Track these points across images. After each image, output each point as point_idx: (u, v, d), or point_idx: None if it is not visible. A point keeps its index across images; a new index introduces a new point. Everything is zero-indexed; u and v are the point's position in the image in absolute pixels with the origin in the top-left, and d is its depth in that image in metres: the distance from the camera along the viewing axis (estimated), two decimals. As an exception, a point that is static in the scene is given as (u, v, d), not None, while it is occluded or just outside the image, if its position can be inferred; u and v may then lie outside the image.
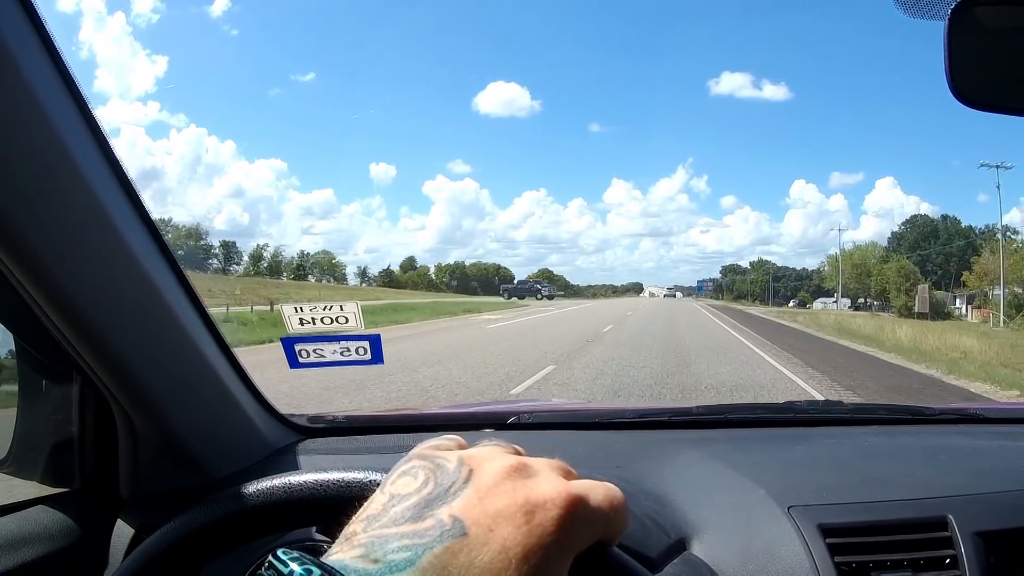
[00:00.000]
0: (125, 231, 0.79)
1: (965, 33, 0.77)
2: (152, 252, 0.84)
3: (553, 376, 10.25)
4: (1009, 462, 1.12)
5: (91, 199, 0.74)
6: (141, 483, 0.97)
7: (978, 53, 0.78)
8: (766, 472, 1.01)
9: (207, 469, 0.97)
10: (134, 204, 0.81)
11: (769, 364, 12.90)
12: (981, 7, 0.77)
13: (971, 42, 0.77)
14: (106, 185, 0.76)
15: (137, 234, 0.81)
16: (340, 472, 0.61)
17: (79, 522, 0.96)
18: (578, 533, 0.43)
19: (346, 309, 1.08)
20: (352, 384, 8.51)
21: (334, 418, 1.25)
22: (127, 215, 0.80)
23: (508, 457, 0.47)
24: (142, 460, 0.96)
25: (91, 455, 0.99)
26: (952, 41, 0.75)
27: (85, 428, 0.98)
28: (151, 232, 0.84)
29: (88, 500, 0.99)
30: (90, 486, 1.00)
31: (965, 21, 0.76)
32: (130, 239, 0.79)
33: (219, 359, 0.96)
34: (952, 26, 0.75)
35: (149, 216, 0.83)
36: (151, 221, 0.84)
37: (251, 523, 0.66)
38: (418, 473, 0.46)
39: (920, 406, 1.49)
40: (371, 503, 0.45)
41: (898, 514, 0.88)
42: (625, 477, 0.98)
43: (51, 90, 0.69)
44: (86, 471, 1.00)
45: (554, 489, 0.44)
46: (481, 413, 1.42)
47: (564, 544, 0.42)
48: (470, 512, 0.42)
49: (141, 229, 0.82)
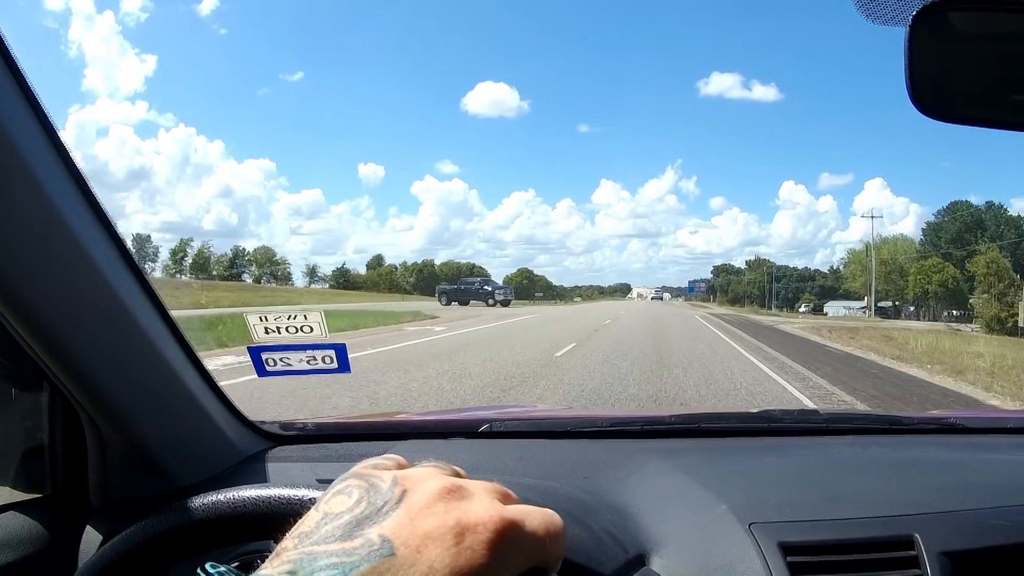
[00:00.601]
0: (83, 235, 0.78)
1: (927, 40, 0.76)
2: (114, 257, 0.83)
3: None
4: (983, 477, 1.10)
5: (47, 202, 0.73)
6: (110, 490, 0.97)
7: (940, 62, 0.78)
8: (732, 486, 1.00)
9: (175, 477, 0.96)
10: (93, 208, 0.80)
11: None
12: (944, 14, 0.76)
13: (933, 50, 0.76)
14: (62, 187, 0.75)
15: (97, 238, 0.80)
16: (283, 488, 0.62)
17: (49, 529, 0.96)
18: (509, 558, 0.43)
19: (310, 318, 1.09)
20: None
21: (304, 425, 1.25)
22: (85, 218, 0.79)
23: (443, 478, 0.47)
24: (110, 468, 0.95)
25: (61, 462, 0.99)
26: (913, 49, 0.74)
27: (55, 435, 0.98)
28: (111, 236, 0.83)
29: (58, 507, 0.99)
30: (60, 493, 1.00)
31: (928, 28, 0.75)
32: (90, 244, 0.78)
33: (185, 367, 0.96)
34: (914, 33, 0.74)
35: (109, 220, 0.82)
36: (111, 225, 0.83)
37: (198, 537, 0.67)
38: (352, 492, 0.46)
39: (897, 415, 1.47)
40: (305, 520, 0.45)
41: (863, 532, 0.87)
42: (591, 489, 0.97)
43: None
44: (56, 478, 1.00)
45: (487, 512, 0.44)
46: (453, 421, 1.41)
47: (494, 568, 0.42)
48: (400, 532, 0.42)
49: (101, 233, 0.81)
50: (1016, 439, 1.41)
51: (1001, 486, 1.04)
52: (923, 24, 0.75)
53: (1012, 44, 0.78)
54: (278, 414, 7.11)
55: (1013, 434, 1.44)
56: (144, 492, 0.95)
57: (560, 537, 0.47)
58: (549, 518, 0.47)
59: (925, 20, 0.75)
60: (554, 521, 0.47)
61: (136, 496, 0.96)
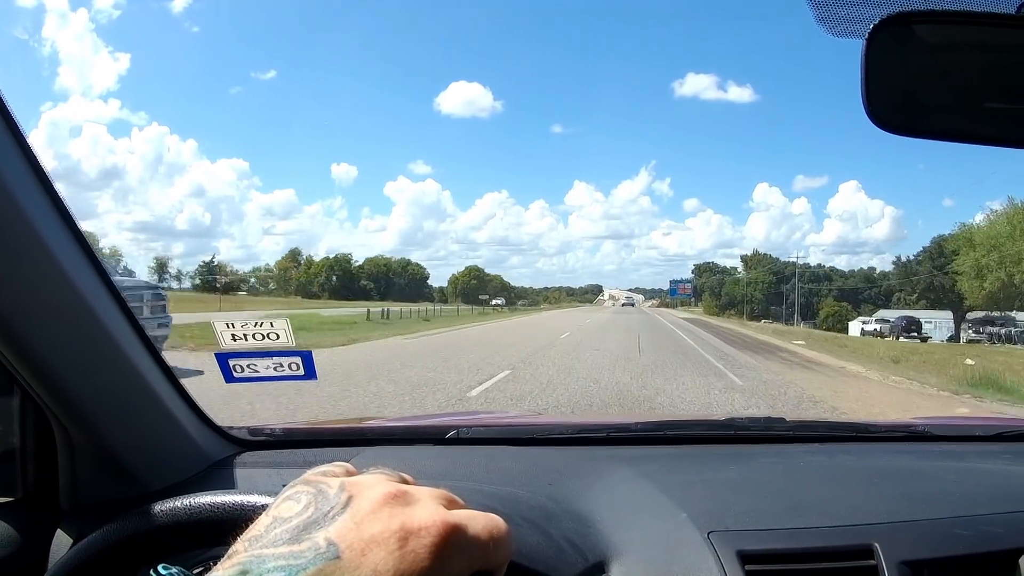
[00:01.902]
0: (49, 238, 0.77)
1: (885, 55, 0.76)
2: (80, 261, 0.83)
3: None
4: (948, 486, 1.10)
5: (12, 204, 0.73)
6: (80, 494, 0.97)
7: (898, 76, 0.79)
8: (693, 494, 1.01)
9: (143, 481, 0.97)
10: (59, 211, 0.80)
11: None
12: (903, 27, 0.76)
13: (891, 64, 0.77)
14: (28, 189, 0.75)
15: (62, 241, 0.80)
16: (237, 494, 0.64)
17: (20, 531, 0.96)
18: (453, 562, 0.44)
19: (276, 326, 1.11)
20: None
21: (272, 430, 1.26)
22: (52, 221, 0.79)
23: (389, 484, 0.49)
24: (80, 471, 0.96)
25: (32, 465, 0.99)
26: (870, 61, 0.75)
27: (26, 439, 0.98)
28: (77, 239, 0.83)
29: (29, 510, 0.99)
30: (31, 496, 1.00)
31: (885, 41, 0.76)
32: (56, 247, 0.78)
33: (153, 371, 0.97)
34: (871, 46, 0.75)
35: (75, 222, 0.82)
36: (76, 227, 0.83)
37: (160, 542, 0.69)
38: (301, 498, 0.47)
39: (865, 422, 1.48)
40: (256, 524, 0.47)
41: (823, 541, 0.87)
42: (555, 495, 0.98)
43: None
44: (27, 481, 1.00)
45: (430, 517, 0.45)
46: (420, 427, 1.42)
47: (437, 572, 0.43)
48: (345, 536, 0.43)
49: (67, 235, 0.81)
50: (985, 447, 1.42)
51: (966, 495, 1.05)
52: (881, 37, 0.75)
53: (970, 56, 0.79)
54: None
55: (982, 442, 1.45)
56: (114, 496, 0.96)
57: (505, 542, 0.48)
58: (493, 523, 0.48)
59: (883, 33, 0.75)
60: (498, 526, 0.48)
61: (106, 500, 0.96)
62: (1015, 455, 1.32)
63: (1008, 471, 1.22)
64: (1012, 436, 1.45)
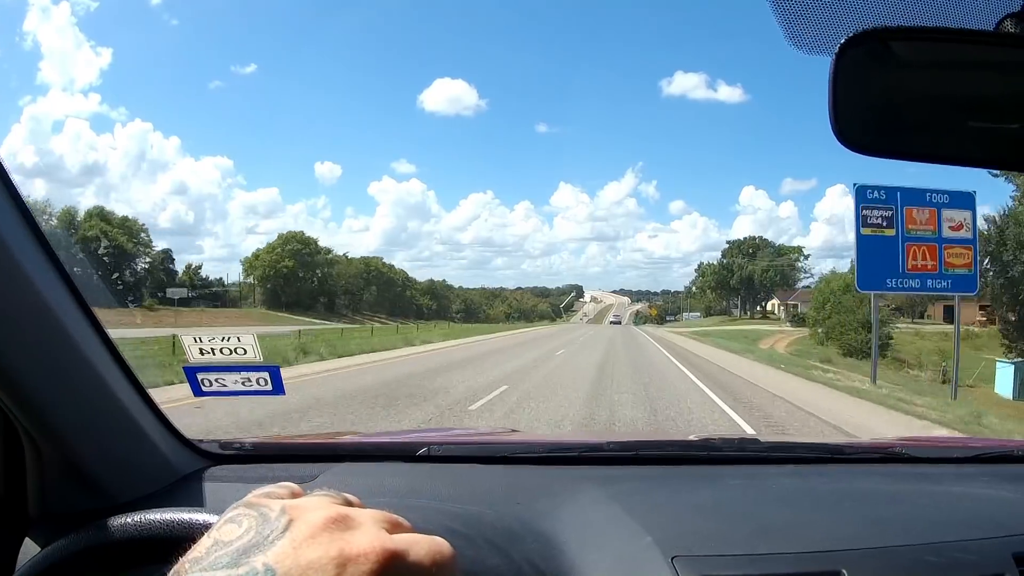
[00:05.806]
0: (15, 246, 0.77)
1: (855, 71, 0.76)
2: (47, 271, 0.82)
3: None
4: (921, 510, 1.08)
5: None
6: (48, 503, 0.96)
7: (867, 93, 0.78)
8: (660, 516, 0.99)
9: (111, 493, 0.96)
10: (20, 210, 0.79)
11: None
12: (874, 44, 0.75)
13: (860, 81, 0.76)
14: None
15: (29, 249, 0.79)
16: (186, 512, 0.65)
17: None
18: None
19: (243, 341, 1.10)
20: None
21: (242, 444, 1.25)
22: (10, 222, 0.78)
23: (331, 508, 0.48)
24: (48, 481, 0.95)
25: (0, 472, 0.98)
26: (838, 80, 0.75)
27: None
28: (39, 241, 0.82)
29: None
30: (0, 502, 0.98)
31: (856, 57, 0.75)
32: (21, 257, 0.78)
33: (122, 384, 0.96)
34: (839, 64, 0.74)
35: (41, 231, 0.82)
36: (39, 229, 0.82)
37: (115, 556, 0.69)
38: (242, 521, 0.47)
39: (842, 443, 1.47)
40: (198, 546, 0.46)
41: (789, 567, 0.86)
42: (522, 516, 0.97)
43: None
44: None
45: (370, 543, 0.45)
46: (391, 444, 1.40)
47: None
48: (283, 561, 0.43)
49: (27, 237, 0.80)
50: (961, 469, 1.40)
51: (939, 520, 1.03)
52: (851, 54, 0.74)
53: (946, 74, 0.78)
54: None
55: (958, 463, 1.43)
56: (81, 506, 0.95)
57: (448, 566, 0.48)
58: (436, 547, 0.48)
59: (854, 50, 0.74)
60: (441, 551, 0.48)
61: (73, 510, 0.95)
62: (992, 477, 1.30)
63: (982, 495, 1.20)
64: (990, 458, 1.44)
